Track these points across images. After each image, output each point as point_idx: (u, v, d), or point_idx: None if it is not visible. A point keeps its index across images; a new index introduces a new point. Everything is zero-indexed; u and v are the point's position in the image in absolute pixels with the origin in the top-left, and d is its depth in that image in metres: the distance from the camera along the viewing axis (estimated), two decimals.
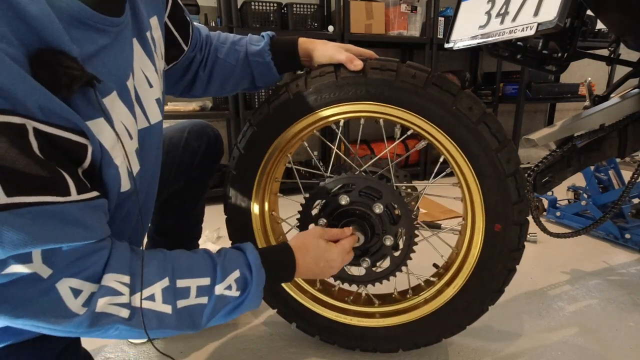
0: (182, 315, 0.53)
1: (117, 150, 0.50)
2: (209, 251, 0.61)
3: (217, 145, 0.98)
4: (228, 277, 0.57)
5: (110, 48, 0.50)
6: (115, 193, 0.52)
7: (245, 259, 0.61)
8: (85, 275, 0.46)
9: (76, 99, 0.43)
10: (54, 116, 0.40)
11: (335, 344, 0.93)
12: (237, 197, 0.85)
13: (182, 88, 0.85)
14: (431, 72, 0.72)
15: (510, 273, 0.78)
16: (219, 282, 0.56)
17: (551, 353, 0.93)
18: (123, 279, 0.49)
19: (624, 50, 1.07)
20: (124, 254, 0.51)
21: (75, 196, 0.43)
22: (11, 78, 0.36)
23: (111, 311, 0.48)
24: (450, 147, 0.74)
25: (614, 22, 0.95)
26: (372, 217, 0.78)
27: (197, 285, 0.55)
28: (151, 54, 0.61)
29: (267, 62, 0.82)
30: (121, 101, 0.52)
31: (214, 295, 0.56)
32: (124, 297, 0.49)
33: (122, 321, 0.49)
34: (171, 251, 0.57)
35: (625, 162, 2.71)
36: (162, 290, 0.52)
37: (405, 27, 2.35)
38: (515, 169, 0.72)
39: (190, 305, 0.54)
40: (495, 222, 0.75)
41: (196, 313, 0.55)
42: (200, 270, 0.56)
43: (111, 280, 0.48)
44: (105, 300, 0.47)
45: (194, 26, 0.80)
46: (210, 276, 0.56)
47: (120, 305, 0.49)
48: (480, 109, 0.71)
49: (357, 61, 0.73)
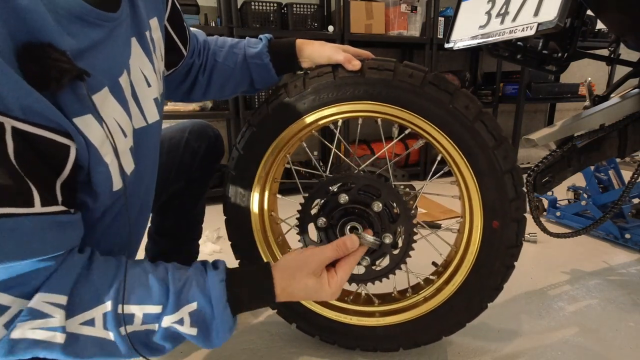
0: (133, 341, 0.48)
1: (107, 147, 0.48)
2: (172, 270, 0.54)
3: (218, 146, 0.98)
4: (182, 308, 0.50)
5: (104, 43, 0.49)
6: (107, 192, 0.50)
7: (205, 285, 0.53)
8: (18, 292, 0.42)
9: (65, 95, 0.42)
10: (35, 115, 0.39)
11: (335, 344, 0.93)
12: (236, 198, 0.85)
13: (182, 93, 0.86)
14: (428, 71, 0.72)
15: (509, 270, 0.79)
16: (168, 314, 0.49)
17: (551, 353, 0.93)
18: (57, 299, 0.44)
19: (624, 50, 1.07)
20: (70, 271, 0.46)
21: (39, 208, 0.40)
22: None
23: (34, 336, 0.42)
24: (448, 145, 0.74)
25: (614, 22, 0.95)
26: (371, 216, 0.78)
27: (144, 312, 0.48)
28: (150, 54, 0.61)
29: (266, 64, 0.82)
30: (113, 98, 0.51)
31: (161, 327, 0.49)
32: (54, 320, 0.43)
33: (52, 347, 0.43)
34: (130, 265, 0.52)
35: (625, 162, 2.71)
36: (104, 314, 0.46)
37: (405, 27, 2.35)
38: (512, 166, 0.72)
39: (137, 331, 0.48)
40: (493, 219, 0.75)
41: (147, 337, 0.49)
42: (151, 296, 0.49)
43: (39, 301, 0.43)
44: (27, 325, 0.42)
45: (190, 32, 0.80)
46: (162, 304, 0.49)
47: (50, 329, 0.43)
48: (476, 107, 0.71)
49: (355, 61, 0.74)
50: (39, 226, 0.40)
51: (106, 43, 0.49)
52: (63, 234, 0.44)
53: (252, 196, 0.85)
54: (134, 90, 0.57)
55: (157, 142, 0.68)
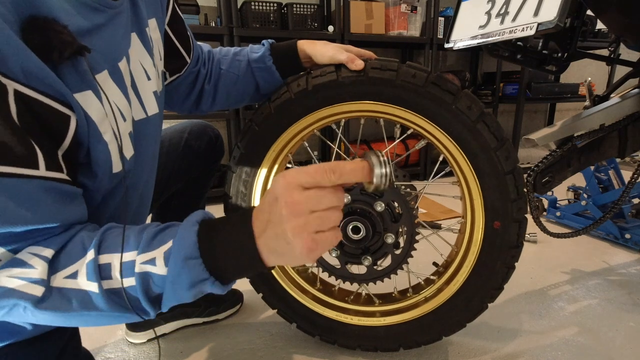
0: (112, 295, 0.43)
1: (106, 125, 0.49)
2: (153, 223, 0.49)
3: (218, 146, 0.98)
4: (156, 249, 0.43)
5: (104, 28, 0.50)
6: (107, 172, 0.50)
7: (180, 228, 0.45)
8: (10, 248, 0.42)
9: (65, 69, 0.43)
10: (37, 81, 0.39)
11: (335, 344, 0.93)
12: (237, 197, 0.85)
13: (190, 104, 0.86)
14: (431, 72, 0.73)
15: (510, 270, 0.79)
16: (139, 254, 0.43)
17: (551, 353, 0.93)
18: (42, 251, 0.42)
19: (624, 50, 1.07)
20: (68, 232, 0.45)
21: (44, 172, 0.40)
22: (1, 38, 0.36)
23: (10, 284, 0.40)
24: (450, 145, 0.74)
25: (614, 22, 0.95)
26: (373, 215, 0.79)
27: (120, 261, 0.43)
28: (150, 49, 0.63)
29: (269, 67, 0.82)
30: (113, 82, 0.52)
31: (135, 273, 0.43)
32: (34, 271, 0.41)
33: (28, 298, 0.41)
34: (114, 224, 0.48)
35: (625, 162, 2.71)
36: (86, 264, 0.43)
37: (405, 27, 2.36)
38: (513, 166, 0.73)
39: (114, 289, 0.43)
40: (494, 219, 0.76)
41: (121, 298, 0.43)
42: (128, 243, 0.44)
43: (24, 252, 0.42)
44: (5, 272, 0.40)
45: (195, 41, 0.81)
46: (135, 249, 0.44)
47: (29, 280, 0.41)
48: (479, 108, 0.72)
49: (358, 61, 0.74)
50: (42, 189, 0.40)
51: (106, 28, 0.51)
52: (64, 205, 0.43)
53: (253, 195, 0.85)
54: (133, 82, 0.58)
55: (157, 136, 0.69)
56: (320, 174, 0.40)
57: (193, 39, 0.81)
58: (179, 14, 0.76)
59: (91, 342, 0.98)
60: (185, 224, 0.45)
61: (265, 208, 0.43)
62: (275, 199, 0.41)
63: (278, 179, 0.42)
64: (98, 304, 0.43)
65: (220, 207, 0.88)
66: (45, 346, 0.57)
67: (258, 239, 0.43)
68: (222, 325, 1.06)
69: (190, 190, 0.98)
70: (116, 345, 0.99)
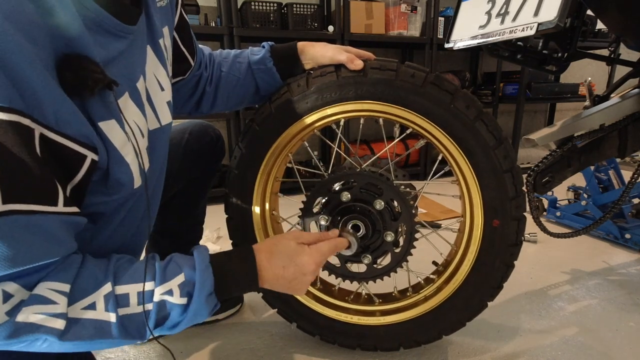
0: (126, 323, 0.49)
1: (128, 148, 0.52)
2: (155, 255, 0.56)
3: (219, 146, 0.98)
4: (170, 280, 0.52)
5: (126, 53, 0.53)
6: (129, 189, 0.54)
7: (192, 262, 0.55)
8: (22, 282, 0.44)
9: (93, 101, 0.46)
10: (66, 126, 0.42)
11: (335, 343, 0.93)
12: (238, 197, 0.85)
13: (191, 106, 0.87)
14: (429, 71, 0.73)
15: (509, 269, 0.79)
16: (157, 286, 0.51)
17: (551, 352, 0.93)
18: (60, 287, 0.46)
19: (624, 50, 1.07)
20: (70, 263, 0.49)
21: (61, 208, 0.43)
22: (38, 83, 0.38)
23: (37, 321, 0.43)
24: (449, 144, 0.75)
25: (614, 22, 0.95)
26: (373, 214, 0.79)
27: (137, 291, 0.50)
28: (164, 60, 0.65)
29: (270, 68, 0.83)
30: (132, 102, 0.54)
31: (154, 302, 0.50)
32: (57, 307, 0.45)
33: (52, 332, 0.44)
34: (119, 256, 0.55)
35: (625, 162, 2.71)
36: (104, 297, 0.48)
37: (405, 27, 2.36)
38: (511, 165, 0.73)
39: (133, 314, 0.50)
40: (493, 217, 0.76)
41: (139, 322, 0.50)
42: (142, 275, 0.51)
43: (44, 288, 0.45)
44: (31, 309, 0.43)
45: (197, 44, 0.82)
46: (152, 280, 0.51)
47: (52, 315, 0.44)
48: (477, 107, 0.72)
49: (357, 61, 0.75)
50: (59, 224, 0.43)
51: (127, 53, 0.53)
52: (72, 235, 0.47)
53: (254, 195, 0.85)
54: (148, 95, 0.60)
55: (167, 143, 0.70)
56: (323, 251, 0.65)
57: (196, 42, 0.81)
58: (185, 18, 0.77)
59: None
60: (200, 266, 0.54)
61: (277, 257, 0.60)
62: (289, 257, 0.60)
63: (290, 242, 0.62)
64: (113, 332, 0.48)
65: (221, 207, 0.88)
66: None
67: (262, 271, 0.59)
68: (222, 325, 1.06)
69: (191, 190, 0.98)
70: None
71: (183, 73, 0.79)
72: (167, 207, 0.97)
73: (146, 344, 0.99)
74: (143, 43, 0.58)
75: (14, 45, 0.36)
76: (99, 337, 0.47)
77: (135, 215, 0.61)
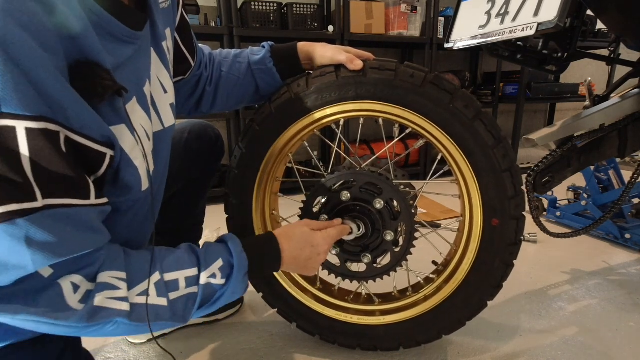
0: (175, 307, 0.55)
1: (137, 152, 0.54)
2: (192, 244, 0.62)
3: (218, 146, 0.98)
4: (211, 265, 0.59)
5: (133, 59, 0.54)
6: (137, 192, 0.56)
7: (226, 248, 0.62)
8: (84, 273, 0.48)
9: (103, 107, 0.47)
10: (88, 129, 0.44)
11: (335, 343, 0.93)
12: (238, 196, 0.85)
13: (190, 106, 0.88)
14: (429, 71, 0.73)
15: (508, 268, 0.79)
16: (203, 271, 0.58)
17: (551, 352, 0.93)
18: (119, 275, 0.51)
19: (624, 50, 1.07)
20: (117, 253, 0.53)
21: (94, 200, 0.45)
22: (59, 89, 0.40)
23: (109, 305, 0.49)
24: (448, 144, 0.75)
25: (614, 22, 0.95)
26: (372, 213, 0.79)
27: (184, 276, 0.56)
28: (166, 62, 0.65)
29: (270, 69, 0.83)
30: (139, 106, 0.56)
31: (200, 284, 0.57)
32: (121, 292, 0.50)
33: (122, 314, 0.49)
34: (156, 247, 0.58)
35: (625, 162, 2.71)
36: (154, 284, 0.53)
37: (405, 27, 2.36)
38: (511, 164, 0.73)
39: (182, 296, 0.56)
40: (492, 217, 0.76)
41: (188, 303, 0.56)
42: (186, 263, 0.58)
43: (106, 277, 0.49)
44: (102, 295, 0.48)
45: (197, 44, 0.82)
46: (196, 267, 0.58)
47: (119, 299, 0.50)
48: (475, 107, 0.72)
49: (357, 61, 0.75)
50: (94, 216, 0.46)
51: (134, 57, 0.55)
52: (104, 224, 0.50)
53: (254, 195, 0.85)
54: (152, 98, 0.61)
55: (169, 145, 0.71)
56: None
57: (196, 42, 0.81)
58: (186, 18, 0.77)
59: (91, 343, 0.98)
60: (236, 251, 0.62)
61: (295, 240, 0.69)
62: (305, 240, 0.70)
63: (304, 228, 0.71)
64: (164, 315, 0.54)
65: (221, 207, 0.88)
66: (45, 347, 0.57)
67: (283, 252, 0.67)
68: (222, 325, 1.07)
69: (190, 190, 0.98)
70: (116, 345, 0.99)
71: (183, 73, 0.80)
72: (166, 207, 0.96)
73: (146, 344, 0.99)
74: (148, 47, 0.60)
75: (34, 55, 0.37)
76: (154, 320, 0.53)
77: (139, 217, 0.62)
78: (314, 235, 0.70)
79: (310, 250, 0.69)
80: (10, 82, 0.36)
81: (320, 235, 0.71)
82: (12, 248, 0.39)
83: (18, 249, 0.39)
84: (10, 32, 0.36)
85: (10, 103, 0.36)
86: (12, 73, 0.36)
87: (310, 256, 0.69)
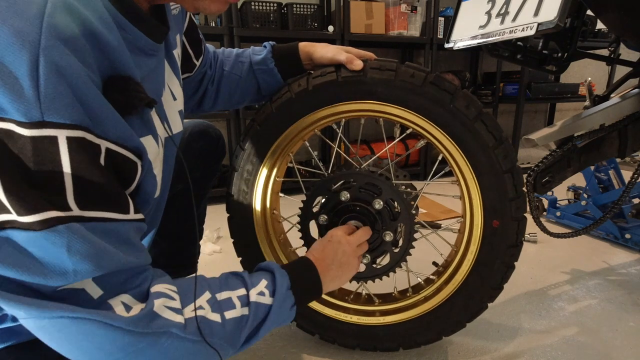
0: (229, 327, 0.53)
1: (158, 161, 0.55)
2: (234, 272, 0.62)
3: (219, 146, 0.98)
4: (258, 285, 0.58)
5: (155, 69, 0.56)
6: (153, 199, 0.56)
7: (266, 269, 0.63)
8: (133, 293, 0.46)
9: (133, 119, 0.48)
10: (123, 140, 0.45)
11: (335, 343, 0.93)
12: (239, 196, 0.86)
13: (192, 105, 0.88)
14: (429, 71, 0.73)
15: (509, 270, 0.79)
16: (251, 288, 0.57)
17: (551, 352, 0.93)
18: (171, 287, 0.50)
19: (624, 50, 1.07)
20: (162, 273, 0.53)
21: (132, 215, 0.45)
22: (98, 102, 0.41)
23: (166, 315, 0.47)
24: (449, 144, 0.75)
25: (614, 22, 0.95)
26: (372, 213, 0.79)
27: (236, 295, 0.56)
28: (177, 70, 0.66)
29: (271, 69, 0.83)
30: (157, 115, 0.57)
31: (251, 302, 0.56)
32: (176, 302, 0.49)
33: (176, 326, 0.47)
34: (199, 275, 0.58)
35: (625, 162, 2.71)
36: (207, 301, 0.52)
37: (405, 27, 2.35)
38: (512, 165, 0.73)
39: (237, 317, 0.54)
40: (493, 218, 0.76)
41: (240, 323, 0.55)
42: (233, 283, 0.57)
43: (161, 287, 0.49)
44: (160, 301, 0.47)
45: (205, 44, 0.83)
46: (243, 287, 0.57)
47: (174, 309, 0.48)
48: (476, 107, 0.72)
49: (357, 61, 0.75)
50: (133, 232, 0.46)
51: (155, 69, 0.57)
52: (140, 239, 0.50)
53: (255, 194, 0.85)
54: (162, 106, 0.62)
55: (175, 150, 0.71)
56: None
57: (204, 42, 0.82)
58: (193, 20, 0.78)
59: None
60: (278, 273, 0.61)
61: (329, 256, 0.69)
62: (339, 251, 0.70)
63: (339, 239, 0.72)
64: (218, 332, 0.52)
65: (221, 207, 0.88)
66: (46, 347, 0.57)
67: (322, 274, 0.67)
68: None
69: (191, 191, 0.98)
70: None
71: (190, 70, 0.81)
72: (167, 208, 0.97)
73: None
74: (163, 57, 0.61)
75: (76, 67, 0.38)
76: (209, 336, 0.50)
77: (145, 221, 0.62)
78: (345, 242, 0.71)
79: (344, 260, 0.70)
80: (52, 91, 0.36)
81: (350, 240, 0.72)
82: (54, 254, 0.38)
83: (59, 256, 0.38)
84: (53, 45, 0.36)
85: (52, 112, 0.36)
86: (56, 83, 0.36)
87: (345, 268, 0.70)
